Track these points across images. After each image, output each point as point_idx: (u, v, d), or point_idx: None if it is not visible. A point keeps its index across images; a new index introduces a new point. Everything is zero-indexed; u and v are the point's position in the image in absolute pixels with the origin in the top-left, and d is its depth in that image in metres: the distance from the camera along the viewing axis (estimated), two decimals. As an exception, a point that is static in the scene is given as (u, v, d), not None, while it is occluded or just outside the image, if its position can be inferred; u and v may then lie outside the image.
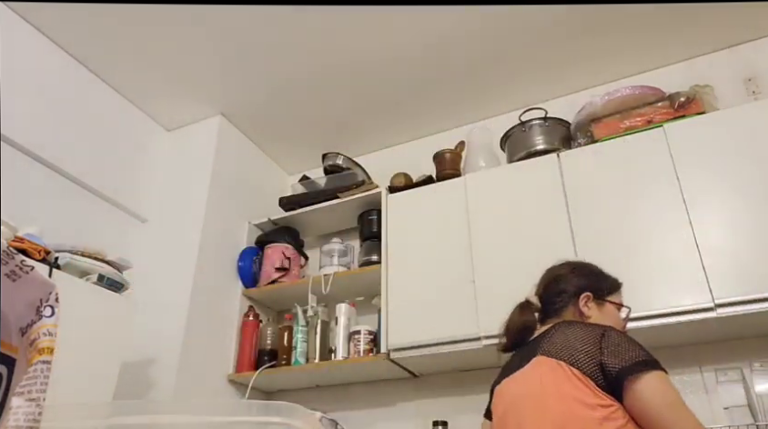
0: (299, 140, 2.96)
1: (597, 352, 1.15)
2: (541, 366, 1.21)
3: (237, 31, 2.29)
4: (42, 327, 0.71)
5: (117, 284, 1.90)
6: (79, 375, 1.59)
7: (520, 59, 2.47)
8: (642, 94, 2.17)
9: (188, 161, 2.72)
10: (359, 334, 2.29)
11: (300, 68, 2.48)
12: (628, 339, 1.19)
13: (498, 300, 2.01)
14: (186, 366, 2.20)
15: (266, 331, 2.51)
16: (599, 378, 1.13)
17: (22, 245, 1.65)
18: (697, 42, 2.39)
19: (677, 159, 1.95)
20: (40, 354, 0.69)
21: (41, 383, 0.68)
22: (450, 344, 2.04)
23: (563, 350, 1.19)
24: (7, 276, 0.67)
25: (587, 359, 1.15)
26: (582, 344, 1.18)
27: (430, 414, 2.21)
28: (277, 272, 2.57)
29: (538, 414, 1.16)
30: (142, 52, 2.39)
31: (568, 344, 1.20)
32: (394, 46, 2.38)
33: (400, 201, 2.43)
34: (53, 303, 0.73)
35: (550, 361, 1.19)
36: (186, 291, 2.33)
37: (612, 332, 1.21)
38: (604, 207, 2.00)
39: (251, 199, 2.85)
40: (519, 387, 1.27)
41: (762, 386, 1.75)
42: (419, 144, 2.87)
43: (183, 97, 2.66)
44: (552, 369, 1.18)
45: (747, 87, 2.29)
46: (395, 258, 2.31)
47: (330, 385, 2.52)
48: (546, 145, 2.29)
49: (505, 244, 2.10)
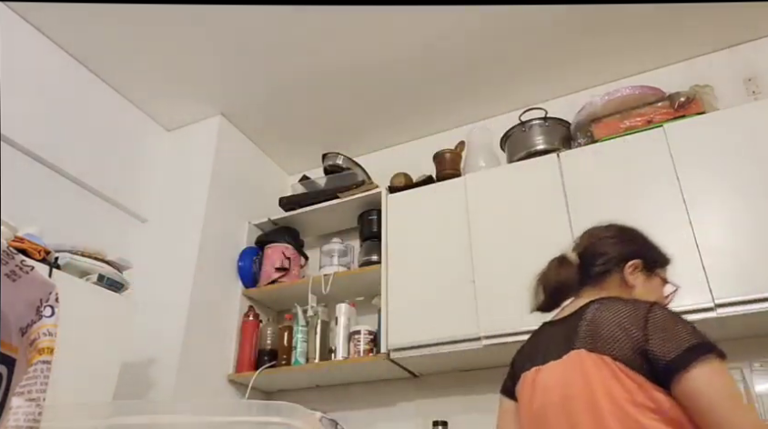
0: (299, 140, 2.96)
1: (642, 338, 1.03)
2: (584, 363, 1.07)
3: (237, 31, 2.29)
4: (42, 327, 0.71)
5: (117, 284, 1.90)
6: (79, 375, 1.58)
7: (520, 59, 2.47)
8: (642, 94, 2.17)
9: (188, 161, 2.72)
10: (359, 334, 2.29)
11: (300, 68, 2.48)
12: (675, 318, 1.06)
13: (498, 300, 2.02)
14: (187, 366, 2.20)
15: (266, 331, 2.51)
16: (647, 370, 1.01)
17: (22, 245, 1.65)
18: (697, 42, 2.39)
19: (677, 159, 1.95)
20: (40, 354, 0.70)
21: (41, 383, 0.68)
22: (450, 344, 2.04)
23: (605, 341, 1.06)
24: (7, 276, 0.67)
25: (632, 351, 1.02)
26: (624, 331, 1.05)
27: (430, 414, 2.21)
28: (277, 272, 2.57)
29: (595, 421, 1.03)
30: (142, 52, 2.39)
31: (610, 333, 1.06)
32: (394, 46, 2.38)
33: (400, 201, 2.43)
34: (53, 303, 0.73)
35: (592, 357, 1.06)
36: (186, 291, 2.33)
37: (658, 310, 1.07)
38: (604, 207, 2.00)
39: (251, 199, 2.85)
40: (560, 385, 1.12)
41: (763, 386, 1.75)
42: (419, 144, 2.87)
43: (183, 97, 2.66)
44: (596, 366, 1.05)
45: (747, 87, 2.29)
46: (395, 258, 2.31)
47: (330, 385, 2.52)
48: (546, 145, 2.29)
49: (505, 244, 2.10)
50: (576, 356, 1.10)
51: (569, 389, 1.09)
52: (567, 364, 1.11)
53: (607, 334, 1.07)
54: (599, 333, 1.08)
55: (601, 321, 1.10)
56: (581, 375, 1.07)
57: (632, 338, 1.03)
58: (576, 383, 1.08)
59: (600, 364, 1.05)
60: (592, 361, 1.06)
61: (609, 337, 1.06)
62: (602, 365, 1.04)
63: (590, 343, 1.08)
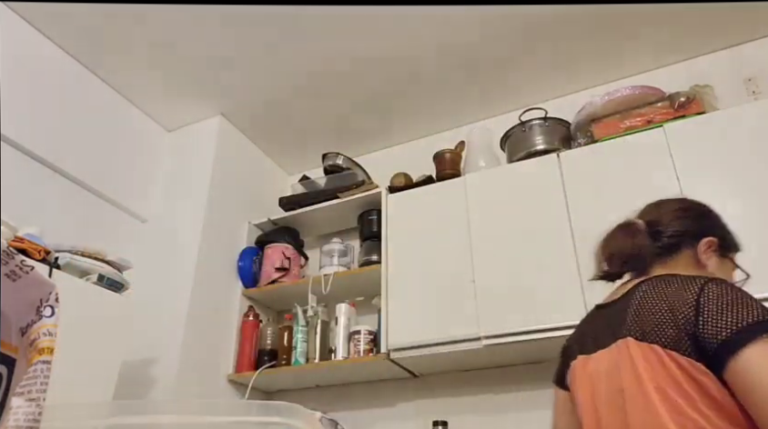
0: (299, 140, 2.96)
1: (693, 320, 0.92)
2: (632, 354, 0.98)
3: (237, 31, 2.29)
4: (42, 327, 0.71)
5: (117, 284, 1.91)
6: (79, 375, 1.58)
7: (520, 59, 2.47)
8: (642, 94, 2.17)
9: (188, 161, 2.72)
10: (359, 334, 2.29)
11: (300, 68, 2.48)
12: (735, 293, 0.94)
13: (498, 300, 2.02)
14: (186, 366, 2.20)
15: (266, 331, 2.51)
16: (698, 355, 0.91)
17: (22, 245, 1.65)
18: (697, 42, 2.39)
19: (677, 159, 1.95)
20: (40, 354, 0.70)
21: (41, 383, 0.68)
22: (450, 344, 2.04)
23: (653, 328, 0.96)
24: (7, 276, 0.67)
25: (681, 334, 0.93)
26: (672, 313, 0.95)
27: (430, 414, 2.21)
28: (277, 272, 2.57)
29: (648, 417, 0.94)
30: (142, 52, 2.39)
31: (658, 318, 0.96)
32: (394, 47, 2.38)
33: (400, 201, 2.43)
34: (53, 303, 0.73)
35: (642, 346, 0.97)
36: (186, 291, 2.33)
37: (713, 286, 0.95)
38: (604, 207, 2.00)
39: (251, 199, 2.85)
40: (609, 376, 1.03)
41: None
42: (419, 144, 2.87)
43: (183, 97, 2.66)
44: (646, 357, 0.96)
45: (747, 87, 2.29)
46: (395, 258, 2.31)
47: (330, 385, 2.52)
48: (546, 145, 2.29)
49: (505, 245, 2.10)
50: (624, 346, 1.01)
51: (618, 381, 1.00)
52: (615, 353, 1.03)
53: (655, 319, 0.97)
54: (646, 318, 0.99)
55: (648, 305, 1.00)
56: (630, 367, 0.98)
57: (681, 319, 0.93)
58: (625, 375, 0.99)
59: (649, 354, 0.96)
60: (642, 351, 0.97)
61: (657, 322, 0.96)
62: (652, 356, 0.95)
63: (638, 331, 0.99)
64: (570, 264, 1.94)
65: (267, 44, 2.36)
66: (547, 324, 1.89)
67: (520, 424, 2.11)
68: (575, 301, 1.87)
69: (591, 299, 1.86)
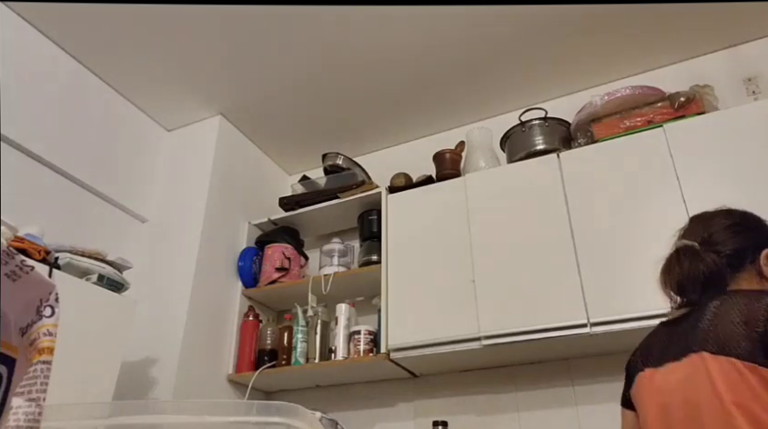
0: (299, 140, 2.96)
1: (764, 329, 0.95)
2: (709, 368, 0.99)
3: (237, 31, 2.29)
4: (42, 327, 0.71)
5: (117, 284, 1.91)
6: (79, 375, 1.59)
7: (520, 59, 2.47)
8: (642, 94, 2.17)
9: (188, 161, 2.72)
10: (359, 334, 2.29)
11: (300, 68, 2.48)
12: None
13: (498, 300, 2.03)
14: (186, 366, 2.20)
15: (266, 331, 2.51)
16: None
17: (22, 245, 1.65)
18: (697, 42, 2.39)
19: (677, 159, 1.95)
20: (40, 355, 0.69)
21: (41, 383, 0.68)
22: (450, 344, 2.04)
23: (729, 341, 0.98)
24: (7, 276, 0.67)
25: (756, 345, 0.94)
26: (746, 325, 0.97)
27: (430, 414, 2.21)
28: (277, 272, 2.57)
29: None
30: (142, 52, 2.39)
31: (732, 332, 0.98)
32: (394, 46, 2.38)
33: (400, 201, 2.43)
34: (53, 303, 0.73)
35: (720, 360, 0.98)
36: (186, 291, 2.33)
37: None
38: (604, 207, 2.00)
39: (251, 199, 2.85)
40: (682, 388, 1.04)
41: None
42: (419, 144, 2.87)
43: (183, 97, 2.66)
44: (723, 371, 0.97)
45: (747, 87, 2.29)
46: (395, 258, 2.31)
47: (330, 385, 2.52)
48: (546, 145, 2.29)
49: (505, 244, 2.10)
50: (699, 360, 1.01)
51: (693, 394, 1.01)
52: (688, 366, 1.03)
53: (729, 332, 0.99)
54: (722, 333, 1.00)
55: (723, 320, 1.01)
56: (707, 381, 0.99)
57: (755, 331, 0.96)
58: (702, 389, 0.99)
59: (727, 368, 0.97)
60: (719, 366, 0.98)
61: (732, 336, 0.98)
62: (730, 369, 0.96)
63: (713, 345, 1.00)
64: (571, 264, 1.94)
65: (266, 45, 2.36)
66: (547, 324, 1.89)
67: (520, 423, 2.11)
68: (575, 301, 1.88)
69: (591, 299, 1.87)
